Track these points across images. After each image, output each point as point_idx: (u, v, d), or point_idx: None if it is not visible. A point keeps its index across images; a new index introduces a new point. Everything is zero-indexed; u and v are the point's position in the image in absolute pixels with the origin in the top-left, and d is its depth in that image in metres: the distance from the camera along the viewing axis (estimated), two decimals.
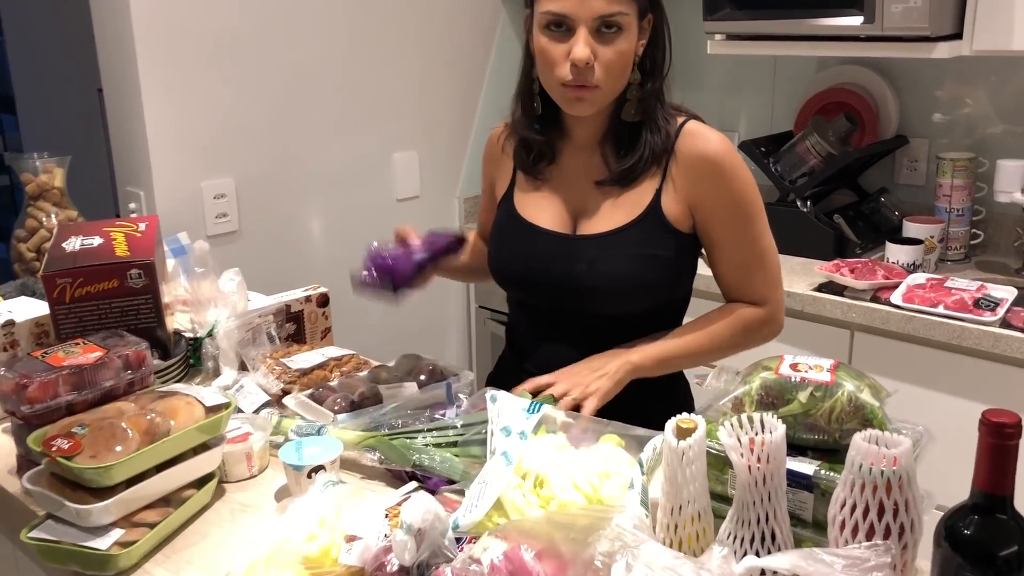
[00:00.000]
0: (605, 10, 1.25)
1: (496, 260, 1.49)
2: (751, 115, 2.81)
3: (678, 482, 0.94)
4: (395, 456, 1.26)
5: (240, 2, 2.21)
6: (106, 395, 1.25)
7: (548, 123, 1.42)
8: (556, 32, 1.27)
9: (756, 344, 1.43)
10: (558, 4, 1.25)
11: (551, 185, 1.44)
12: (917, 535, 0.87)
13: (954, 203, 2.32)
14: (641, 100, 1.34)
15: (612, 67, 1.28)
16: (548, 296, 1.43)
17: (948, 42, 2.06)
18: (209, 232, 2.24)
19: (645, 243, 1.36)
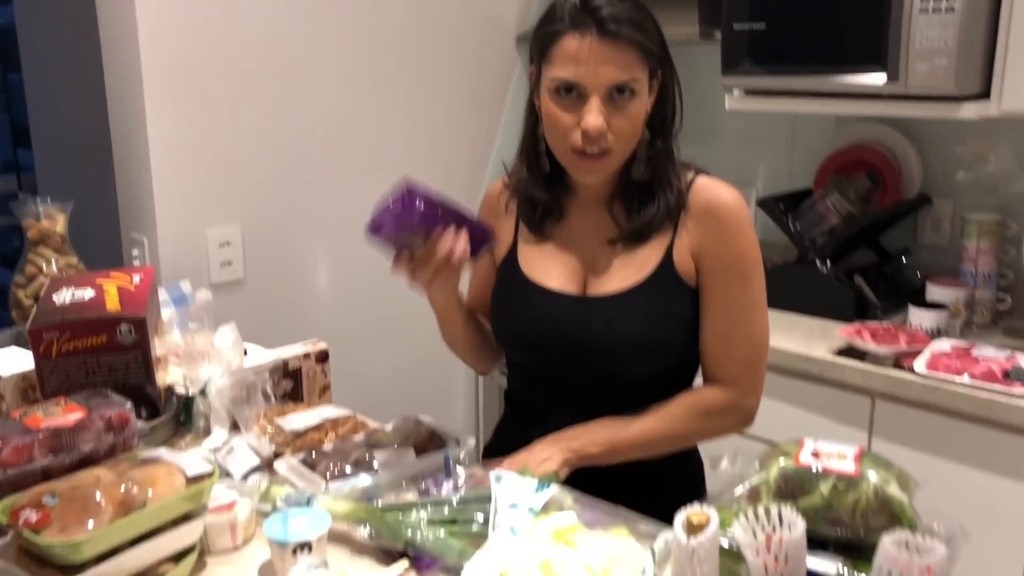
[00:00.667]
0: (619, 77, 1.21)
1: (502, 323, 1.43)
2: (769, 171, 2.76)
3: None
4: (387, 532, 1.18)
5: (249, 49, 2.18)
6: (85, 459, 1.18)
7: (554, 180, 1.37)
8: (566, 98, 1.23)
9: (723, 433, 1.37)
10: (570, 71, 1.21)
11: (557, 244, 1.39)
12: None
13: (980, 267, 2.24)
14: (651, 158, 1.31)
15: (624, 132, 1.25)
16: (560, 360, 1.36)
17: (975, 102, 2.00)
18: (213, 280, 2.19)
19: (661, 301, 1.31)
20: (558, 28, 1.23)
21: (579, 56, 1.20)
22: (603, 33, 1.20)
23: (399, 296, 2.58)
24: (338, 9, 2.33)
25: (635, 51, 1.21)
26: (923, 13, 1.95)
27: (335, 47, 2.34)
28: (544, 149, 1.33)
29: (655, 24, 1.26)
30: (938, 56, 1.94)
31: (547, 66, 1.25)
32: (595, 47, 1.20)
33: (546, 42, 1.25)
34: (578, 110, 1.22)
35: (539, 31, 1.28)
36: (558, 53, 1.22)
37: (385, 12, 2.43)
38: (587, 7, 1.21)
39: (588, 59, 1.20)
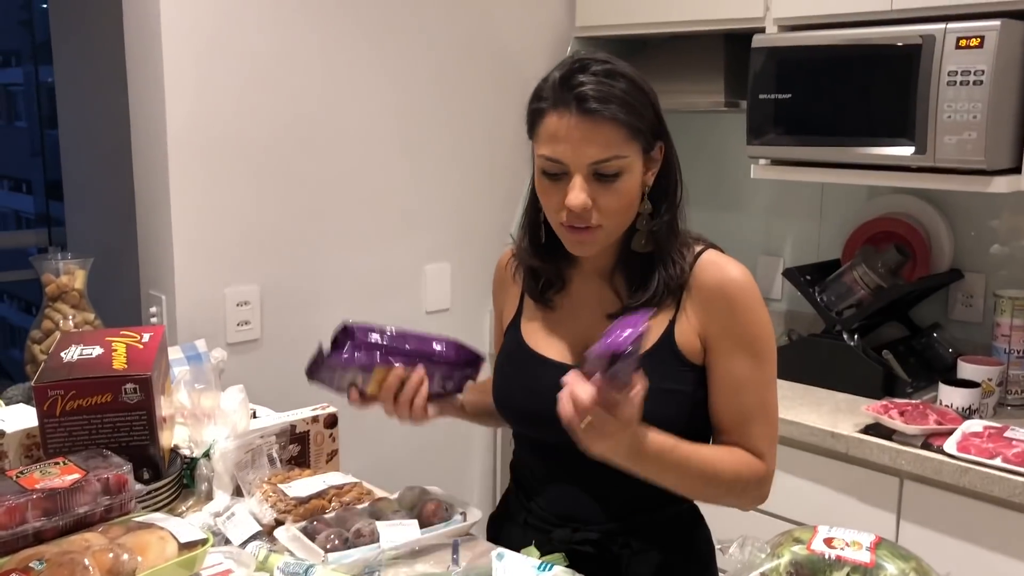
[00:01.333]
0: (598, 156, 1.19)
1: (500, 391, 1.40)
2: (797, 241, 2.72)
3: None
4: None
5: (273, 114, 2.21)
6: (79, 522, 1.16)
7: (556, 251, 1.34)
8: (553, 175, 1.22)
9: (744, 501, 1.30)
10: (551, 148, 1.21)
11: (560, 314, 1.37)
12: None
13: (1014, 344, 2.17)
14: (652, 231, 1.28)
15: (612, 209, 1.22)
16: (556, 432, 1.30)
17: (1006, 176, 1.96)
18: (229, 340, 2.19)
19: (661, 377, 1.25)
20: (542, 106, 1.22)
21: (559, 134, 1.19)
22: (583, 112, 1.18)
23: None
24: (363, 72, 2.35)
25: (619, 128, 1.19)
26: (951, 86, 1.92)
27: (359, 111, 2.36)
28: (543, 220, 1.32)
29: (647, 97, 1.23)
30: (967, 129, 1.91)
31: (535, 143, 1.25)
32: (575, 125, 1.18)
33: (533, 119, 1.24)
34: (564, 187, 1.21)
35: (529, 107, 1.27)
36: (542, 131, 1.22)
37: (409, 79, 2.45)
38: (567, 85, 1.19)
39: (568, 138, 1.19)
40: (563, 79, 1.20)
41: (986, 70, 1.87)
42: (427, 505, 1.41)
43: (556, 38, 2.76)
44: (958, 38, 1.91)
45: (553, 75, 1.23)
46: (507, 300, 1.45)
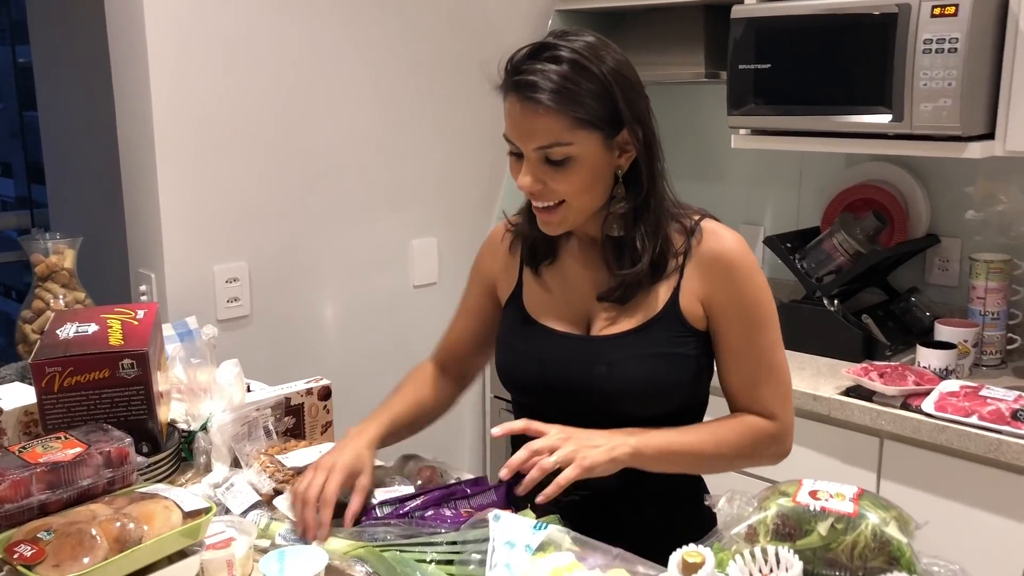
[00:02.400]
0: (540, 142, 1.22)
1: (507, 364, 1.42)
2: (777, 209, 2.76)
3: None
4: (384, 570, 1.17)
5: (259, 92, 2.21)
6: (83, 494, 1.19)
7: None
8: (514, 154, 1.27)
9: (762, 462, 1.36)
10: (507, 129, 1.25)
11: (562, 285, 1.38)
12: None
13: (988, 306, 2.22)
14: (624, 215, 1.28)
15: (565, 192, 1.25)
16: (563, 400, 1.34)
17: (980, 142, 2.00)
18: (220, 316, 2.20)
19: (667, 342, 1.30)
20: (500, 87, 1.26)
21: (511, 117, 1.23)
22: (523, 99, 1.21)
23: (404, 334, 2.59)
24: (345, 52, 2.36)
25: (558, 117, 1.19)
26: (927, 53, 1.96)
27: (342, 89, 2.37)
28: None
29: (601, 86, 1.21)
30: (942, 96, 1.95)
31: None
32: (519, 111, 1.21)
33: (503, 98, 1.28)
34: (520, 167, 1.26)
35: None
36: (505, 111, 1.25)
37: (392, 55, 2.46)
38: (516, 70, 1.22)
39: (516, 122, 1.23)
40: (514, 65, 1.23)
41: (960, 38, 1.91)
42: (423, 471, 1.44)
43: (537, 12, 2.77)
44: (933, 6, 1.94)
45: (511, 57, 1.26)
46: (502, 274, 1.46)
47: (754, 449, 1.31)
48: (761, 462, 1.36)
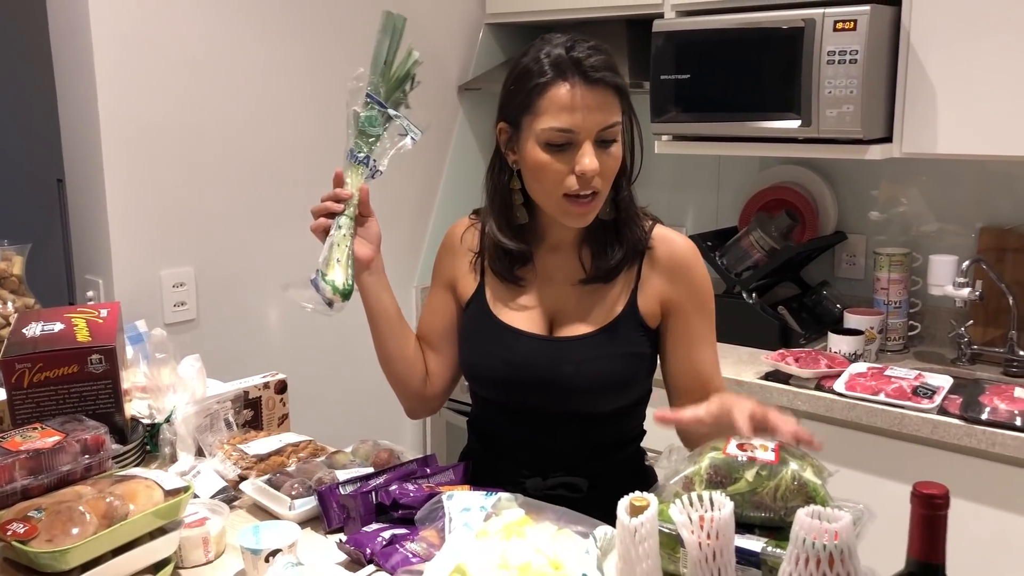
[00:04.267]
0: (607, 120, 1.28)
1: (473, 363, 1.47)
2: (698, 211, 2.93)
3: (632, 559, 0.97)
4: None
5: (205, 96, 2.27)
6: (63, 480, 1.25)
7: (524, 228, 1.43)
8: (559, 145, 1.28)
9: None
10: (564, 120, 1.27)
11: (527, 286, 1.45)
12: None
13: (891, 296, 2.42)
14: (616, 201, 1.38)
15: (611, 173, 1.32)
16: (529, 395, 1.42)
17: (880, 145, 2.19)
18: (167, 320, 2.25)
19: (628, 342, 1.40)
20: (543, 81, 1.28)
21: (570, 104, 1.26)
22: (588, 81, 1.26)
23: (347, 334, 2.67)
24: (288, 61, 2.44)
25: (616, 95, 1.29)
26: (831, 64, 2.14)
27: (285, 99, 2.44)
28: (521, 202, 1.40)
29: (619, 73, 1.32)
30: (845, 103, 2.13)
31: (534, 119, 1.29)
32: (584, 94, 1.26)
33: (532, 96, 1.29)
34: (570, 156, 1.28)
35: (519, 88, 1.32)
36: (548, 105, 1.27)
37: (330, 67, 2.54)
38: (572, 58, 1.27)
39: (579, 106, 1.26)
40: (566, 53, 1.28)
41: (859, 50, 2.09)
42: (380, 454, 1.54)
43: (468, 25, 2.89)
44: (835, 21, 2.12)
45: (544, 54, 1.30)
46: (462, 271, 1.51)
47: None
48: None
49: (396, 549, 1.23)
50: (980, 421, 1.89)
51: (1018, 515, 1.88)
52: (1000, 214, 2.39)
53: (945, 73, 2.11)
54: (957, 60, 2.09)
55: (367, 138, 1.40)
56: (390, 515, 1.33)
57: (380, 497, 1.34)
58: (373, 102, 1.39)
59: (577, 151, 1.28)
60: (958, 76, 2.09)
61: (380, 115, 1.39)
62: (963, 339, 2.33)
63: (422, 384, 1.56)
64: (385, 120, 1.41)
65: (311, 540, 1.34)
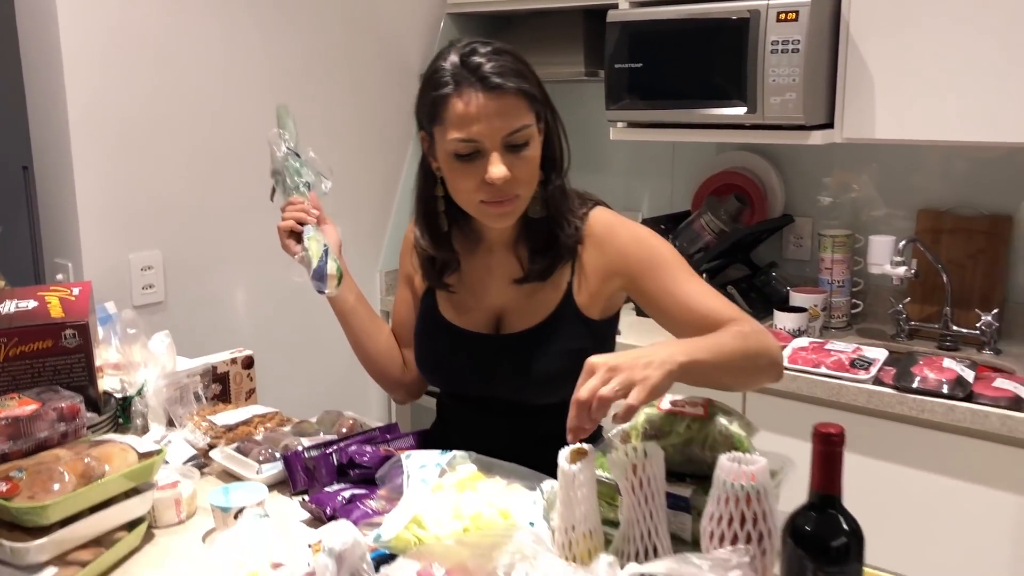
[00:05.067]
0: (510, 127, 1.28)
1: (423, 361, 1.55)
2: (653, 196, 3.03)
3: (571, 503, 1.06)
4: None
5: (169, 87, 2.34)
6: (40, 445, 1.32)
7: (455, 233, 1.47)
8: (467, 155, 1.29)
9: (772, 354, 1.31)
10: (464, 130, 1.27)
11: (471, 285, 1.49)
12: (775, 542, 1.00)
13: (835, 276, 2.54)
14: (546, 198, 1.39)
15: (526, 176, 1.33)
16: (476, 390, 1.49)
17: (822, 131, 2.30)
18: (135, 302, 2.31)
19: (565, 338, 1.42)
20: (445, 92, 1.28)
21: (470, 114, 1.26)
22: (487, 88, 1.26)
23: (311, 319, 2.74)
24: (255, 51, 2.50)
25: (521, 99, 1.29)
26: (774, 53, 2.24)
27: (251, 87, 2.51)
28: (442, 209, 1.42)
29: (533, 71, 1.33)
30: (788, 91, 2.24)
31: (440, 129, 1.31)
32: (484, 103, 1.26)
33: (436, 107, 1.30)
34: (479, 165, 1.29)
35: (425, 97, 1.33)
36: (450, 115, 1.28)
37: (297, 54, 2.61)
38: (468, 66, 1.27)
39: (479, 116, 1.26)
40: (461, 62, 1.28)
41: (801, 40, 2.20)
42: (344, 422, 1.62)
43: (430, 15, 2.97)
44: (778, 12, 2.23)
45: (446, 61, 1.30)
46: (415, 270, 1.56)
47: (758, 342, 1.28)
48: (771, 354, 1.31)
49: (356, 506, 1.32)
50: (911, 390, 2.01)
51: (946, 477, 2.01)
52: (936, 197, 2.51)
53: (883, 62, 2.22)
54: (894, 49, 2.20)
55: (298, 174, 1.58)
56: (350, 476, 1.42)
57: (339, 457, 1.43)
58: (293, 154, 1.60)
59: (485, 159, 1.29)
60: (895, 64, 2.20)
61: (302, 161, 1.59)
62: (901, 315, 2.45)
63: (401, 373, 1.65)
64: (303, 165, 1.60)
65: (277, 501, 1.42)
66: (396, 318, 1.66)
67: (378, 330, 1.63)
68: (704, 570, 0.95)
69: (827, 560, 0.86)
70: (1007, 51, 2.06)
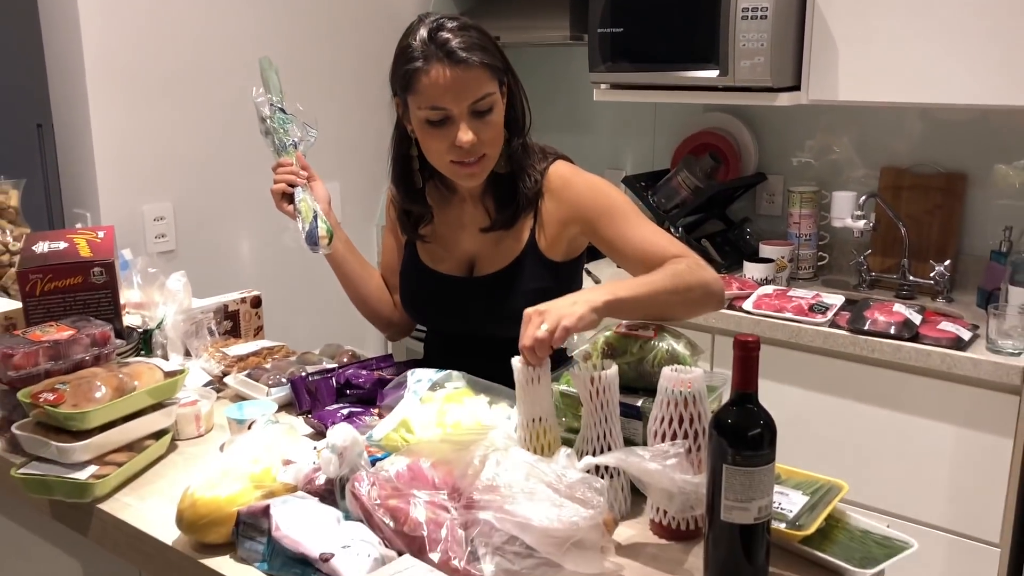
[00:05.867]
0: (475, 96, 1.43)
1: (408, 302, 1.74)
2: (635, 155, 3.20)
3: (529, 400, 1.25)
4: None
5: (181, 49, 2.50)
6: (76, 366, 1.49)
7: (430, 187, 1.64)
8: (437, 122, 1.45)
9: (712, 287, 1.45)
10: (433, 99, 1.42)
11: (448, 234, 1.66)
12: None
13: (803, 229, 2.71)
14: (510, 155, 1.56)
15: (491, 138, 1.48)
16: (455, 328, 1.69)
17: (789, 92, 2.47)
18: (149, 251, 2.49)
19: (531, 278, 1.60)
20: (415, 66, 1.42)
21: (439, 85, 1.41)
22: (454, 61, 1.41)
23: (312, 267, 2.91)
24: (258, 9, 2.66)
25: (483, 70, 1.43)
26: (744, 19, 2.40)
27: (255, 44, 2.66)
28: (417, 167, 1.60)
29: (494, 43, 1.48)
30: (756, 55, 2.40)
31: (413, 98, 1.45)
32: (452, 75, 1.41)
33: (407, 79, 1.45)
34: (449, 130, 1.44)
35: (398, 69, 1.47)
36: (421, 87, 1.43)
37: (298, 13, 2.77)
38: (436, 42, 1.42)
39: (448, 87, 1.41)
40: (430, 39, 1.42)
41: (769, 7, 2.35)
42: (343, 353, 1.80)
43: None
44: None
45: (416, 37, 1.43)
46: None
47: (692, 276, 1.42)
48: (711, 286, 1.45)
49: (354, 421, 1.50)
50: (863, 331, 2.19)
51: (893, 411, 2.20)
52: (898, 155, 2.68)
53: (846, 28, 2.38)
54: (856, 16, 2.35)
55: (285, 133, 1.72)
56: (348, 396, 1.60)
57: (337, 379, 1.61)
58: (278, 111, 1.74)
59: (454, 125, 1.44)
60: (857, 31, 2.36)
61: (286, 117, 1.72)
62: (863, 267, 2.63)
63: (391, 312, 1.84)
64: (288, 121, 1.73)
65: (284, 419, 1.60)
66: (384, 264, 1.86)
67: (369, 276, 1.82)
68: (646, 459, 1.14)
69: (744, 446, 1.05)
70: (962, 19, 2.21)
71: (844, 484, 1.27)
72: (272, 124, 1.71)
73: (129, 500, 1.34)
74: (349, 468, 1.25)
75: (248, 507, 1.16)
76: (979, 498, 2.11)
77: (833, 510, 1.22)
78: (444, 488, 1.16)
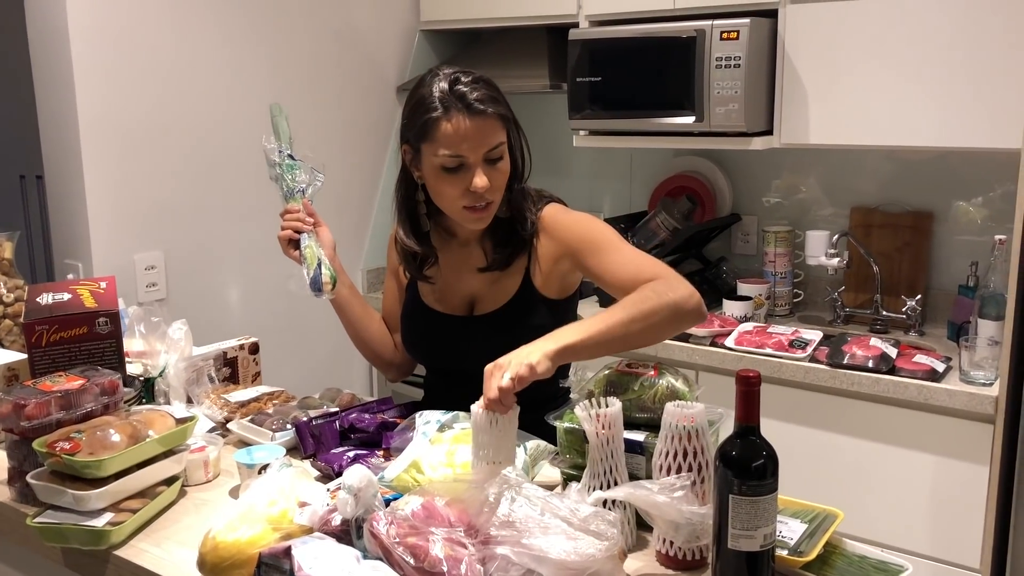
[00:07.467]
0: (491, 144, 1.53)
1: (409, 342, 1.80)
2: (613, 198, 3.29)
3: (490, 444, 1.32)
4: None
5: (171, 99, 2.55)
6: (88, 415, 1.52)
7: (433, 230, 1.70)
8: (452, 168, 1.53)
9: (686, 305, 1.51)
10: (452, 148, 1.51)
11: (447, 275, 1.73)
12: (710, 470, 1.24)
13: (778, 268, 2.80)
14: (510, 200, 1.63)
15: (501, 184, 1.58)
16: (454, 366, 1.74)
17: (762, 137, 2.57)
18: (140, 299, 2.51)
19: (528, 316, 1.67)
20: (434, 116, 1.51)
21: (458, 134, 1.50)
22: (472, 113, 1.50)
23: (299, 308, 2.96)
24: (247, 64, 2.72)
25: (497, 121, 1.54)
26: (719, 68, 2.50)
27: (244, 98, 2.73)
28: (424, 212, 1.67)
29: (503, 96, 1.57)
30: (731, 101, 2.50)
31: (429, 146, 1.53)
32: (469, 126, 1.50)
33: (425, 127, 1.52)
34: (463, 176, 1.53)
35: (414, 119, 1.55)
36: (439, 136, 1.51)
37: (288, 69, 2.84)
38: (455, 93, 1.51)
39: (466, 137, 1.50)
40: (449, 90, 1.51)
41: (742, 56, 2.46)
42: (344, 397, 1.84)
43: (404, 31, 3.20)
44: (721, 32, 2.49)
45: (434, 88, 1.52)
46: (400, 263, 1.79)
47: (666, 298, 1.47)
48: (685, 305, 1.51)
49: (360, 463, 1.54)
50: (842, 365, 2.27)
51: (873, 441, 2.27)
52: (866, 195, 2.79)
53: (814, 76, 2.49)
54: (824, 63, 2.47)
55: (293, 179, 1.76)
56: (352, 440, 1.64)
57: (341, 423, 1.65)
58: (287, 157, 1.77)
59: (469, 172, 1.53)
60: (825, 78, 2.47)
61: (295, 164, 1.76)
62: (837, 303, 2.72)
63: (392, 354, 1.90)
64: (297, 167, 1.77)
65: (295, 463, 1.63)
66: (385, 306, 1.91)
67: (370, 318, 1.87)
68: (654, 492, 1.20)
69: (748, 476, 1.10)
70: (923, 67, 2.33)
71: (839, 512, 1.33)
72: (280, 171, 1.75)
73: (144, 546, 1.36)
74: (364, 508, 1.28)
75: (269, 548, 1.20)
76: (958, 524, 2.19)
77: (830, 537, 1.27)
78: (460, 525, 1.20)
